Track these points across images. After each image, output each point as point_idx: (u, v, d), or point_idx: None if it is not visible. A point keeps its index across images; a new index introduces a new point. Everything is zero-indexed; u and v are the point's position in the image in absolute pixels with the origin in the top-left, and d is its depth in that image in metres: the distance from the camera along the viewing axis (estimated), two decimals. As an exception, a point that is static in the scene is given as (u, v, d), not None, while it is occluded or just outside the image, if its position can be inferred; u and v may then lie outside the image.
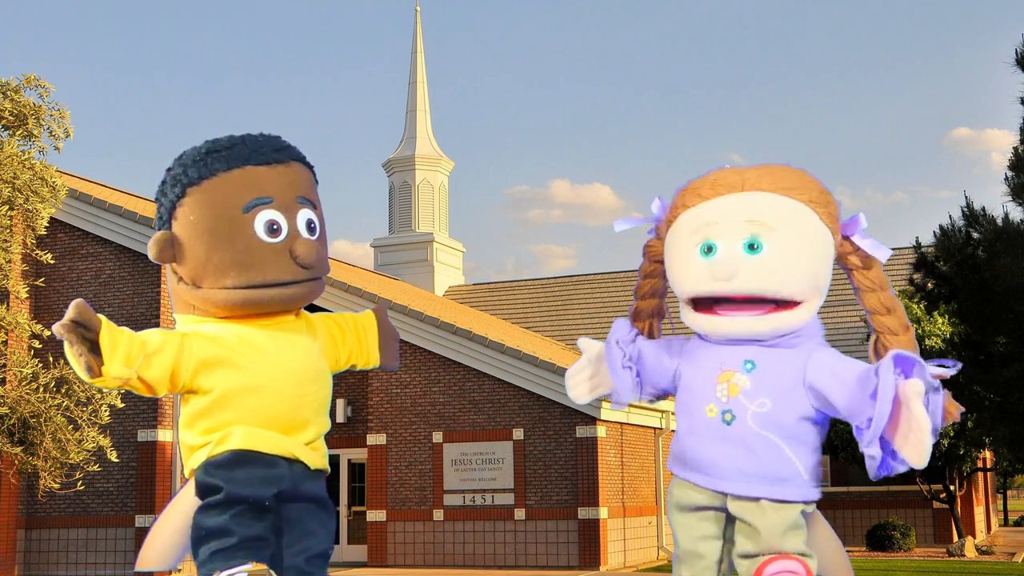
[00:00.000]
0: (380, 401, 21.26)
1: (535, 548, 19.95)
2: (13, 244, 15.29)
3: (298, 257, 3.02)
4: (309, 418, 3.14)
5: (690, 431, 3.23)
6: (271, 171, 3.07)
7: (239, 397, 3.03)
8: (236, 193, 3.01)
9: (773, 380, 3.13)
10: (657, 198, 3.43)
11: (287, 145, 3.18)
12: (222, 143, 3.10)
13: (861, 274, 3.27)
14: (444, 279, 36.07)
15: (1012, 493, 69.19)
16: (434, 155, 36.10)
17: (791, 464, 3.11)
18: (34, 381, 14.17)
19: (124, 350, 2.92)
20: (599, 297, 34.11)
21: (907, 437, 2.97)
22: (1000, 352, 14.51)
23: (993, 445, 22.55)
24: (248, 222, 3.00)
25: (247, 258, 2.99)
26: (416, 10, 37.09)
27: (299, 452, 3.10)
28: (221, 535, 2.95)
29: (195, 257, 3.04)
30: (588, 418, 19.65)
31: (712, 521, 3.22)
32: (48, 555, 19.27)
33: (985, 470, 30.59)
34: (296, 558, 3.10)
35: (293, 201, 3.07)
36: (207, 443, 3.05)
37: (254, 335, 3.08)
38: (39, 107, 14.67)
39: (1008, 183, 14.27)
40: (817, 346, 3.21)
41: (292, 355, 3.12)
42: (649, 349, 3.40)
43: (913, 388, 2.93)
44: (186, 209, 3.05)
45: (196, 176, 3.04)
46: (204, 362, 3.02)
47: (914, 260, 15.53)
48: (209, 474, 3.01)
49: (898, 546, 23.95)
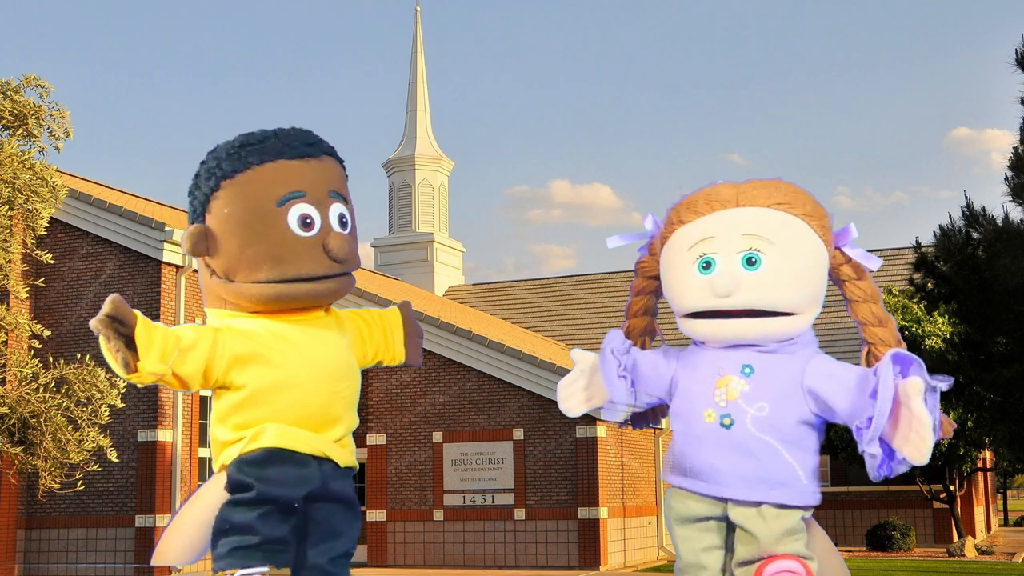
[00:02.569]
0: (380, 401, 21.26)
1: (535, 548, 19.94)
2: (13, 244, 15.28)
3: (331, 251, 3.01)
4: (340, 415, 3.13)
5: (688, 437, 3.20)
6: (304, 165, 3.06)
7: (272, 393, 3.02)
8: (270, 187, 3.01)
9: (771, 384, 3.12)
10: (650, 214, 3.42)
11: (319, 139, 3.17)
12: (255, 136, 3.10)
13: (853, 284, 3.28)
14: (444, 279, 36.06)
15: (1012, 493, 69.16)
16: (434, 155, 36.09)
17: (790, 468, 3.10)
18: (34, 381, 14.17)
19: (159, 346, 2.91)
20: (599, 297, 34.10)
21: (907, 436, 2.96)
22: (1000, 352, 14.51)
23: (993, 445, 22.54)
24: (282, 216, 3.00)
25: (281, 252, 2.99)
26: (416, 10, 37.11)
27: (330, 450, 3.09)
28: (244, 532, 2.93)
29: (228, 251, 3.03)
30: (588, 418, 19.63)
31: (714, 532, 3.21)
32: (48, 555, 19.26)
33: (985, 470, 30.59)
34: (320, 557, 3.09)
35: (326, 195, 3.06)
36: (240, 439, 3.04)
37: (286, 330, 3.07)
38: (39, 107, 14.66)
39: (1008, 183, 14.26)
40: (814, 353, 3.21)
41: (324, 351, 3.12)
42: (644, 357, 3.39)
43: (913, 386, 2.93)
44: (220, 202, 3.04)
45: (230, 169, 3.03)
46: (237, 357, 3.01)
47: (914, 260, 15.53)
48: (241, 471, 3.00)
49: (898, 546, 23.95)
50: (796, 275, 3.13)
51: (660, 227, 3.36)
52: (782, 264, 3.11)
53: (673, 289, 3.27)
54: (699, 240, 3.18)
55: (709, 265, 3.14)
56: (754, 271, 3.10)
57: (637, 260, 3.52)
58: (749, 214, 3.17)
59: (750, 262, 3.10)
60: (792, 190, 3.23)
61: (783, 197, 3.19)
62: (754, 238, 3.12)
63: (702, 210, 3.22)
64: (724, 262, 3.12)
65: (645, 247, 3.46)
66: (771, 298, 3.10)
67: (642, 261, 3.49)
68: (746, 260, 3.10)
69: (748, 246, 3.11)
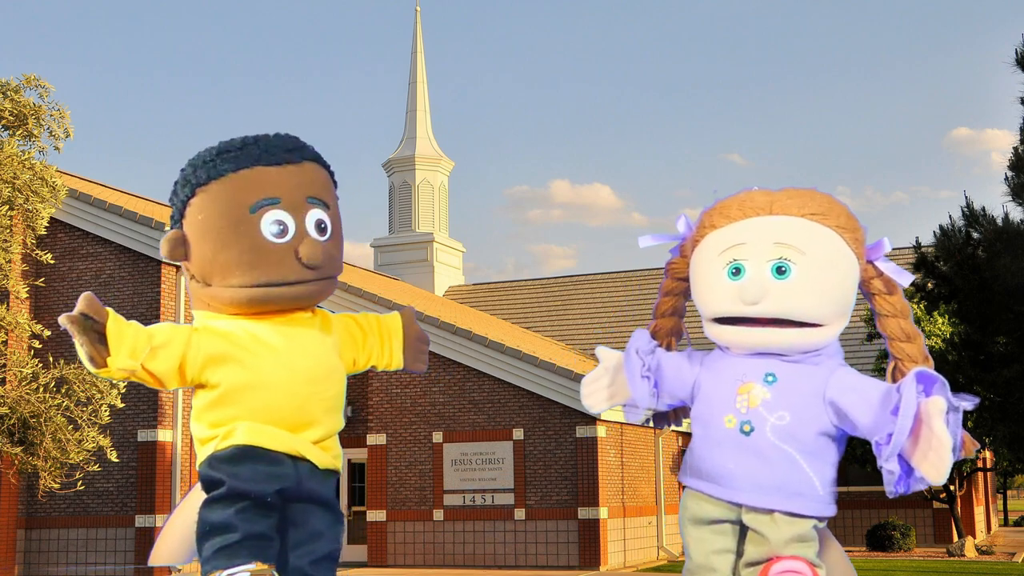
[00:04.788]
0: (380, 401, 21.26)
1: (535, 548, 19.94)
2: (13, 244, 15.29)
3: (303, 257, 3.03)
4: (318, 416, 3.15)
5: (707, 441, 3.21)
6: (281, 171, 3.08)
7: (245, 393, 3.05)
8: (243, 193, 3.04)
9: (793, 394, 3.12)
10: (683, 216, 3.42)
11: (301, 145, 3.18)
12: (234, 144, 3.13)
13: (883, 299, 3.28)
14: (444, 279, 36.06)
15: (1012, 493, 69.19)
16: (434, 155, 36.09)
17: (807, 478, 3.12)
18: (34, 381, 14.17)
19: (130, 343, 2.96)
20: (599, 297, 34.10)
21: (927, 455, 2.97)
22: (1000, 352, 14.51)
23: (993, 445, 22.52)
24: (255, 222, 3.02)
25: (252, 258, 3.02)
26: (416, 10, 37.12)
27: (305, 450, 3.10)
28: (224, 531, 2.94)
29: (203, 256, 3.10)
30: (588, 418, 19.64)
31: (727, 535, 3.20)
32: (48, 555, 19.26)
33: (985, 470, 30.59)
34: (300, 560, 3.09)
35: (303, 201, 3.08)
36: (214, 437, 3.07)
37: (265, 331, 3.10)
38: (39, 107, 14.67)
39: (1008, 183, 14.28)
40: (838, 365, 3.20)
41: (303, 353, 3.14)
42: (669, 359, 3.38)
43: (936, 406, 2.92)
44: (195, 208, 3.09)
45: (205, 177, 3.08)
46: (211, 357, 3.05)
47: (914, 260, 15.54)
48: (213, 468, 3.02)
49: (898, 546, 23.95)
50: (825, 287, 3.12)
51: (692, 229, 3.37)
52: (812, 275, 3.10)
53: (701, 293, 3.27)
54: (730, 246, 3.18)
55: (739, 271, 3.13)
56: (783, 280, 3.09)
57: (668, 261, 3.52)
58: (782, 223, 3.16)
59: (780, 271, 3.09)
60: (827, 201, 3.22)
61: (817, 208, 3.18)
62: (785, 247, 3.11)
63: (735, 216, 3.22)
64: (754, 269, 3.11)
65: (676, 249, 3.46)
66: (799, 308, 3.09)
67: (673, 263, 3.49)
68: (776, 269, 3.10)
69: (779, 255, 3.11)
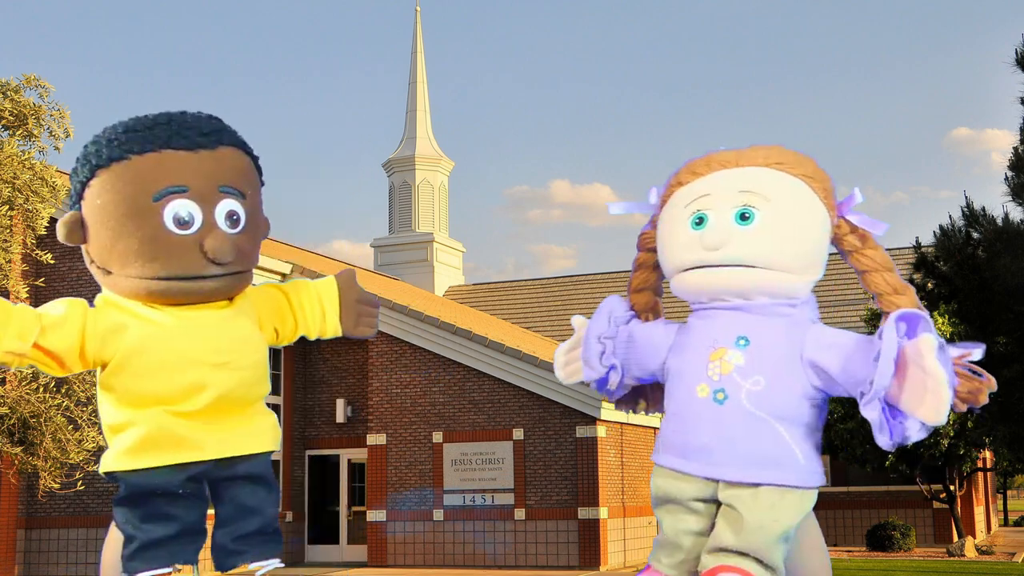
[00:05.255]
0: (380, 401, 21.26)
1: (535, 548, 19.94)
2: (13, 244, 15.28)
3: (208, 251, 2.79)
4: (231, 388, 2.92)
5: (679, 414, 3.06)
6: (192, 157, 2.82)
7: (149, 371, 2.84)
8: (147, 179, 2.79)
9: (768, 357, 2.96)
10: (654, 188, 3.29)
11: (219, 128, 2.93)
12: (144, 122, 2.87)
13: (860, 254, 3.13)
14: (444, 279, 36.06)
15: (1012, 493, 69.19)
16: (434, 155, 36.10)
17: (787, 447, 2.93)
18: (34, 381, 14.16)
19: (17, 324, 2.75)
20: (599, 297, 33.68)
21: (922, 397, 2.77)
22: (1000, 352, 14.52)
23: (993, 445, 22.55)
24: (156, 211, 2.77)
25: (152, 249, 2.79)
26: (416, 10, 37.12)
27: (211, 451, 2.89)
28: (128, 542, 2.83)
29: (100, 243, 2.86)
30: (588, 418, 19.65)
31: (702, 515, 3.03)
32: (48, 555, 19.27)
33: (985, 470, 30.57)
34: (223, 538, 2.94)
35: (213, 190, 2.82)
36: (118, 429, 2.89)
37: (163, 316, 2.88)
38: (39, 107, 14.65)
39: (1008, 183, 14.29)
40: (812, 323, 3.06)
41: (208, 327, 2.91)
42: (641, 329, 3.28)
43: (926, 343, 2.77)
44: (94, 191, 2.84)
45: (107, 157, 2.82)
46: (109, 328, 2.84)
47: (914, 260, 15.55)
48: (111, 473, 2.88)
49: (898, 546, 23.93)
50: (791, 233, 3.01)
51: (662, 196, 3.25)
52: (777, 221, 2.99)
53: (665, 247, 3.16)
54: (695, 198, 3.08)
55: (702, 221, 3.03)
56: (746, 226, 2.98)
57: (640, 232, 3.39)
58: (748, 172, 3.07)
59: (743, 217, 2.99)
60: (795, 153, 3.13)
61: (783, 157, 3.09)
62: (750, 194, 3.01)
63: (701, 171, 3.13)
64: (717, 217, 3.01)
65: (649, 223, 3.33)
66: (762, 254, 2.97)
67: (645, 234, 3.36)
68: (739, 215, 2.99)
69: (743, 202, 3.01)
